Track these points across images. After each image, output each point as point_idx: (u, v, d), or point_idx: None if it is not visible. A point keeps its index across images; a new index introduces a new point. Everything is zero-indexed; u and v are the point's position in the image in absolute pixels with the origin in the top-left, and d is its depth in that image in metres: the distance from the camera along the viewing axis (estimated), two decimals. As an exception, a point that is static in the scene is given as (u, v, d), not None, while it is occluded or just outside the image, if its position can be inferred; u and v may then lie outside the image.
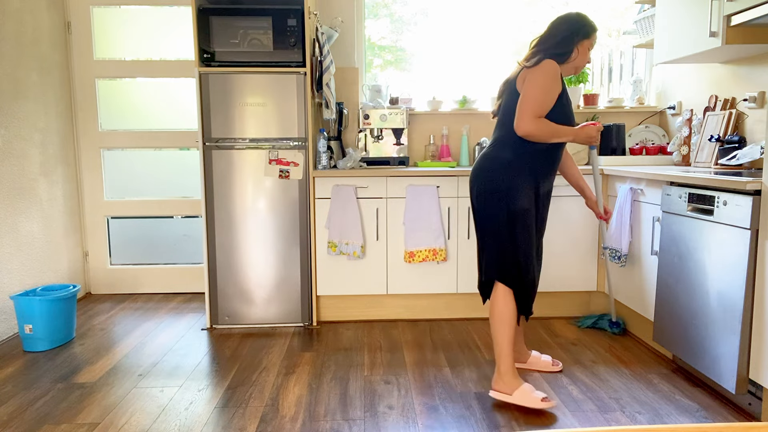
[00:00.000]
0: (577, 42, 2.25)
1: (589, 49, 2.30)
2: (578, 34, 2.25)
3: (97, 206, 3.92)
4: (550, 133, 2.17)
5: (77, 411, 2.23)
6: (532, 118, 2.14)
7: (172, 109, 3.91)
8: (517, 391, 2.21)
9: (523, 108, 2.15)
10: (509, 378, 2.23)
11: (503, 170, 2.22)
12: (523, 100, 2.17)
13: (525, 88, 2.18)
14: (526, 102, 2.16)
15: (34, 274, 3.34)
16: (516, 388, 2.21)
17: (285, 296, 3.24)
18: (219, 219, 3.17)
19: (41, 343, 2.89)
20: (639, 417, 2.17)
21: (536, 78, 2.16)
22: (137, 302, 3.77)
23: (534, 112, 2.14)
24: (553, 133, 2.18)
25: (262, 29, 3.07)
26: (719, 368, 2.20)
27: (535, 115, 2.14)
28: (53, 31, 3.60)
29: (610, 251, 3.02)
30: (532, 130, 2.14)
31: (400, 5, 4.00)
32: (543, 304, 3.39)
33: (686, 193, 2.38)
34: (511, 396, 2.21)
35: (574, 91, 3.69)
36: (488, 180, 2.24)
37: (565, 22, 2.27)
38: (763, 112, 2.73)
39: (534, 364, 2.61)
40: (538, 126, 2.14)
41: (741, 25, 2.44)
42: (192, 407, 2.28)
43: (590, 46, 2.30)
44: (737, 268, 2.09)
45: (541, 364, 2.61)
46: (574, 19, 2.26)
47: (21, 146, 3.24)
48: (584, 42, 2.26)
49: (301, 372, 2.62)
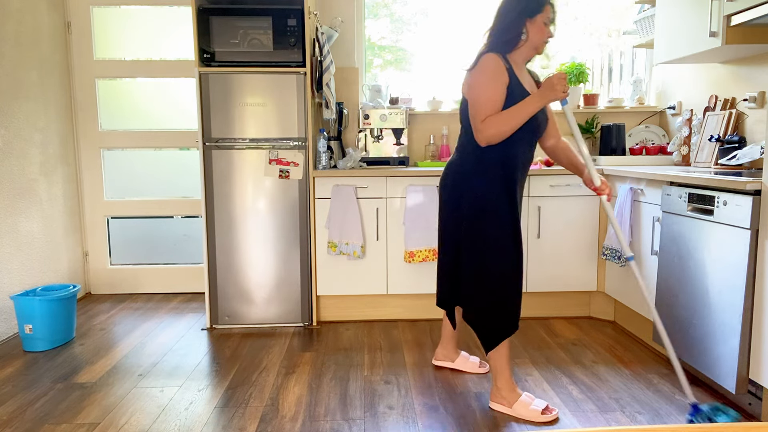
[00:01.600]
0: (525, 21, 2.06)
1: (545, 24, 2.08)
2: (524, 12, 2.06)
3: (97, 206, 3.92)
4: (507, 121, 2.00)
5: (77, 411, 2.23)
6: (484, 123, 2.02)
7: (172, 109, 3.91)
8: (516, 403, 2.18)
9: (474, 119, 2.06)
10: (507, 392, 2.20)
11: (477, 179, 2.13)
12: (470, 109, 2.08)
13: (469, 95, 2.09)
14: (473, 110, 2.06)
15: (34, 274, 3.34)
16: (515, 401, 2.19)
17: (285, 296, 3.24)
18: (219, 219, 3.17)
19: (41, 343, 2.89)
20: (639, 417, 2.17)
21: (475, 80, 2.07)
22: (137, 302, 3.77)
23: (483, 117, 2.03)
24: (512, 116, 2.00)
25: (262, 29, 3.07)
26: (719, 368, 2.20)
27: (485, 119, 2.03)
28: (53, 31, 3.60)
29: (609, 250, 3.02)
30: (488, 135, 2.02)
31: (400, 5, 4.00)
32: (543, 304, 3.39)
33: (686, 193, 2.38)
34: (511, 409, 2.19)
35: (574, 91, 3.69)
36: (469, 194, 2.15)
37: (507, 3, 2.09)
38: (763, 112, 2.73)
39: (461, 365, 2.60)
40: (492, 125, 2.01)
41: (741, 25, 2.44)
42: (192, 407, 2.28)
43: (545, 21, 2.08)
44: (737, 268, 2.09)
45: (468, 365, 2.59)
46: None
47: (21, 146, 3.24)
48: (535, 18, 2.06)
49: (301, 372, 2.62)
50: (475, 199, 2.13)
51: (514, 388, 2.22)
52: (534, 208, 3.23)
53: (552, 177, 3.21)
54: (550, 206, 3.23)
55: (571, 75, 3.65)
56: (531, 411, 2.15)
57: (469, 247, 2.16)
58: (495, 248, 2.12)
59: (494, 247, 2.12)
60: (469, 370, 2.59)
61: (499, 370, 2.21)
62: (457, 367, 2.61)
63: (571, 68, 3.64)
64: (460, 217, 2.19)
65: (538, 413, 2.14)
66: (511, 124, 2.00)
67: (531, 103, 2.01)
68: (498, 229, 2.11)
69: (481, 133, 2.03)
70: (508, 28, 2.08)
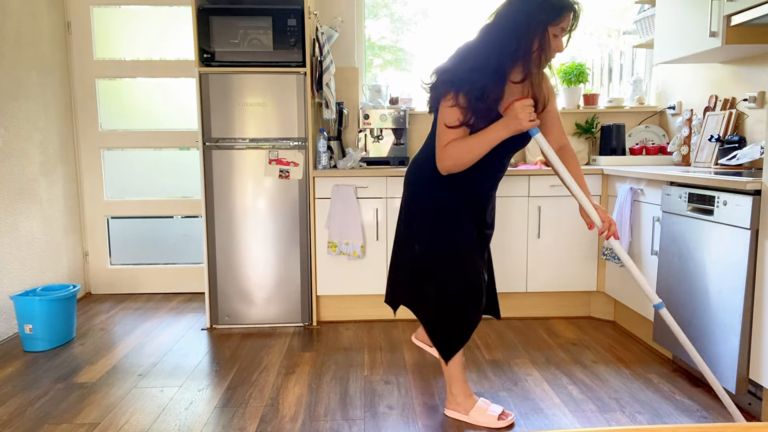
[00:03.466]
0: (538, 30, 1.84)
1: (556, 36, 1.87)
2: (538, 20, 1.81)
3: (97, 206, 3.92)
4: (467, 152, 1.85)
5: (77, 411, 2.23)
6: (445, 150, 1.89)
7: (172, 109, 3.91)
8: (472, 411, 2.14)
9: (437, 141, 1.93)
10: (462, 399, 2.16)
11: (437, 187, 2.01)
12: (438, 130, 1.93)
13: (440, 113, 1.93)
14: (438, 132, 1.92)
15: (34, 274, 3.34)
16: (471, 408, 2.14)
17: (285, 296, 3.24)
18: (219, 219, 3.17)
19: (41, 343, 2.89)
20: (639, 417, 2.17)
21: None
22: (137, 302, 3.77)
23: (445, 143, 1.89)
24: (472, 147, 1.85)
25: (262, 29, 3.07)
26: (719, 368, 2.20)
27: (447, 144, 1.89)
28: (53, 31, 3.60)
29: (609, 251, 3.02)
30: (447, 166, 1.90)
31: (400, 5, 4.00)
32: (543, 304, 3.39)
33: (686, 193, 2.38)
34: (467, 416, 2.14)
35: (574, 91, 3.69)
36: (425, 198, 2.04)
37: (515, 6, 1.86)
38: (763, 112, 2.73)
39: (423, 338, 2.55)
40: (450, 155, 1.87)
41: (741, 25, 2.44)
42: (192, 407, 2.28)
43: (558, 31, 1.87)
44: (737, 268, 2.09)
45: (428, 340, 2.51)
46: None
47: (21, 146, 3.24)
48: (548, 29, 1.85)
49: (301, 372, 2.62)
50: (432, 207, 2.04)
51: (469, 394, 2.17)
52: (534, 208, 3.23)
53: (552, 177, 3.21)
54: (550, 206, 3.23)
55: (571, 75, 3.65)
56: (487, 417, 2.10)
57: (419, 251, 2.08)
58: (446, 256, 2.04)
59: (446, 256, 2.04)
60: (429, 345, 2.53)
61: (454, 377, 2.15)
62: (418, 340, 2.57)
63: (571, 68, 3.64)
64: (413, 221, 2.11)
65: (495, 419, 2.09)
66: (473, 155, 1.87)
67: (494, 132, 1.84)
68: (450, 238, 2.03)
69: (441, 162, 1.91)
70: (509, 39, 1.81)
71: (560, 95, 3.74)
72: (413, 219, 2.11)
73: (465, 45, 1.94)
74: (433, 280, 2.08)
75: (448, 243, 2.04)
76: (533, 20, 1.78)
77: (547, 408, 2.24)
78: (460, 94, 1.84)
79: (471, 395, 2.17)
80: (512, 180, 3.20)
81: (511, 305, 3.38)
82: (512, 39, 1.80)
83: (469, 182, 2.01)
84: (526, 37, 1.80)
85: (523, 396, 2.35)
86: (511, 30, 1.80)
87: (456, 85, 1.86)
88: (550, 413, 2.20)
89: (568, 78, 3.66)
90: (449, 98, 1.87)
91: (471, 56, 1.88)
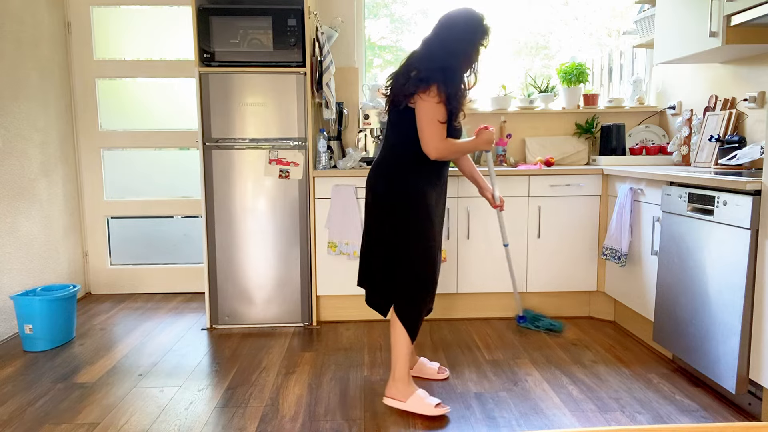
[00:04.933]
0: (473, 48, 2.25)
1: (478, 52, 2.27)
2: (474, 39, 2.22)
3: (97, 206, 3.92)
4: (456, 151, 2.22)
5: (77, 411, 2.23)
6: (444, 143, 2.16)
7: (172, 109, 3.91)
8: (410, 397, 2.19)
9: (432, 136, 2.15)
10: (403, 385, 2.20)
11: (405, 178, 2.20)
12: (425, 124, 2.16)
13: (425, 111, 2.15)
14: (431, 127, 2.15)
15: (34, 274, 3.34)
16: (410, 395, 2.19)
17: (285, 296, 3.24)
18: (219, 219, 3.17)
19: (41, 343, 2.89)
20: (639, 417, 2.17)
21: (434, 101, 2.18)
22: (137, 302, 3.77)
23: (444, 137, 2.16)
24: (459, 149, 2.25)
25: (262, 29, 3.07)
26: (719, 368, 2.20)
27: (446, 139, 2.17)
28: (53, 31, 3.60)
29: (609, 250, 3.02)
30: (442, 155, 2.17)
31: (400, 5, 4.00)
32: (543, 304, 3.39)
33: (686, 193, 2.38)
34: (405, 403, 2.19)
35: (574, 91, 3.68)
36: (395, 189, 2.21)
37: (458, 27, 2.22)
38: (763, 112, 2.73)
39: (419, 371, 2.54)
40: (448, 149, 2.17)
41: (741, 25, 2.44)
42: (192, 407, 2.28)
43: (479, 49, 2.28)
44: (737, 268, 2.09)
45: (426, 371, 2.53)
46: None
47: (21, 146, 3.24)
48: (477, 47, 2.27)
49: (301, 372, 2.62)
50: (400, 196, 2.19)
51: (410, 382, 2.23)
52: (534, 208, 3.23)
53: (552, 177, 3.21)
54: (550, 206, 3.23)
55: (571, 75, 3.65)
56: (425, 405, 2.17)
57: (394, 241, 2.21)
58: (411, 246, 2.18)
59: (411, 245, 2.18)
60: (427, 375, 2.52)
61: (398, 361, 2.22)
62: (415, 373, 2.53)
63: (571, 68, 3.64)
64: (383, 214, 2.23)
65: (432, 407, 2.15)
66: (455, 155, 2.24)
67: (470, 147, 2.31)
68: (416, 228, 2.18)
69: (439, 151, 2.15)
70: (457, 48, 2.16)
71: (560, 95, 3.74)
72: (390, 211, 2.22)
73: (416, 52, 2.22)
74: (408, 263, 2.20)
75: (421, 227, 2.19)
76: (473, 36, 2.17)
77: (547, 408, 2.24)
78: (441, 91, 2.09)
79: (412, 384, 2.24)
80: (512, 180, 3.20)
81: (512, 305, 3.38)
82: (460, 49, 2.16)
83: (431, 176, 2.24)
84: (469, 49, 2.18)
85: (523, 396, 2.35)
86: (458, 42, 2.15)
87: (434, 82, 2.08)
88: (550, 413, 2.20)
89: (568, 78, 3.66)
90: (434, 95, 2.09)
91: (437, 60, 2.13)
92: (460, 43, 2.16)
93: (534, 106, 3.70)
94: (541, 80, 3.78)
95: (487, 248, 3.25)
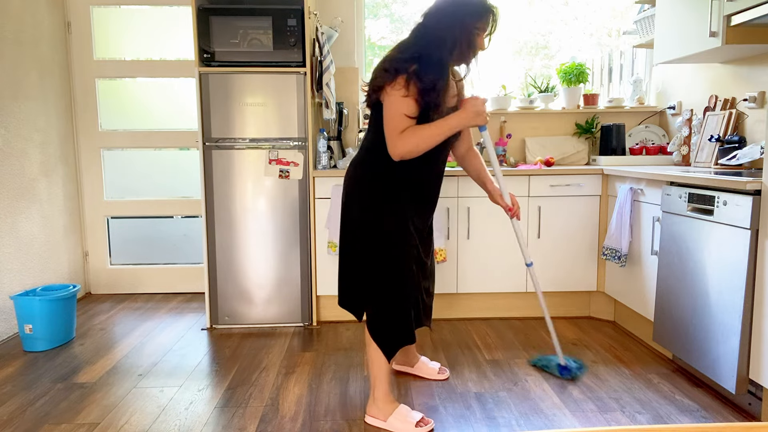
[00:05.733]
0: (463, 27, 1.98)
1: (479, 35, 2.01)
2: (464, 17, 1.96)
3: (97, 206, 3.92)
4: (424, 140, 1.90)
5: (77, 411, 2.23)
6: (401, 137, 1.91)
7: (172, 109, 3.91)
8: (391, 416, 2.09)
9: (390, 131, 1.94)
10: (383, 404, 2.12)
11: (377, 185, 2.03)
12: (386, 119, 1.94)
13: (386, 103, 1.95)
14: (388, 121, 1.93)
15: (34, 274, 3.34)
16: (390, 414, 2.10)
17: (285, 296, 3.24)
18: (219, 219, 3.17)
19: (41, 343, 2.89)
20: (639, 417, 2.17)
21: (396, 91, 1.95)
22: (137, 302, 3.77)
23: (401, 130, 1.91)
24: (429, 136, 1.91)
25: (262, 29, 3.07)
26: (719, 368, 2.20)
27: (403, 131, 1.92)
28: (53, 31, 3.60)
29: (609, 250, 3.02)
30: (403, 151, 1.92)
31: (400, 5, 4.00)
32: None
33: (686, 193, 2.38)
34: (385, 422, 2.10)
35: (574, 91, 3.68)
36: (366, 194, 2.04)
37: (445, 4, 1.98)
38: (763, 112, 2.73)
39: (420, 370, 2.52)
40: (408, 141, 1.90)
41: (741, 25, 2.44)
42: (192, 407, 2.28)
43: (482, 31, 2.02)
44: (737, 268, 2.09)
45: (427, 371, 2.51)
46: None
47: (21, 146, 3.24)
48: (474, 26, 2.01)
49: (301, 372, 2.62)
50: (370, 208, 2.04)
51: (391, 400, 2.14)
52: (534, 208, 3.23)
53: (552, 177, 3.21)
54: (550, 206, 3.23)
55: (571, 75, 3.65)
56: (406, 424, 2.07)
57: (360, 251, 2.09)
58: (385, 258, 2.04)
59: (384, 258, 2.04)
60: (427, 375, 2.51)
61: (377, 379, 2.13)
62: (416, 373, 2.52)
63: (571, 68, 3.64)
64: (354, 221, 2.10)
65: (413, 425, 2.06)
66: (427, 144, 1.92)
67: (450, 126, 1.93)
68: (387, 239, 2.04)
69: (399, 148, 1.92)
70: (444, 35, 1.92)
71: (560, 95, 3.74)
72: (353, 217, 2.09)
73: (400, 42, 2.02)
74: (380, 274, 2.06)
75: (395, 236, 2.03)
76: (463, 20, 1.93)
77: (547, 408, 2.24)
78: (411, 82, 1.88)
79: (393, 401, 2.14)
80: (512, 180, 3.20)
81: (512, 305, 3.38)
82: (447, 36, 1.93)
83: (412, 186, 2.05)
84: (459, 35, 1.93)
85: (523, 396, 2.35)
86: (446, 28, 1.93)
87: (402, 73, 1.89)
88: (550, 413, 2.20)
89: (568, 78, 3.66)
90: (399, 87, 1.89)
91: (411, 49, 1.95)
92: (448, 30, 1.92)
93: (534, 106, 3.70)
94: (541, 80, 3.78)
95: (487, 248, 3.25)
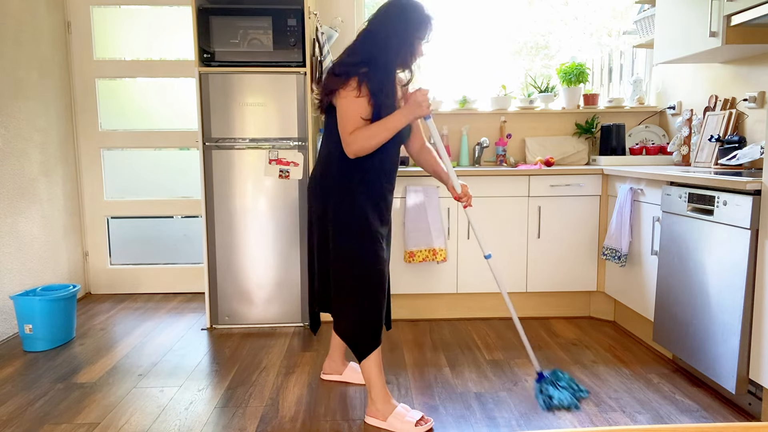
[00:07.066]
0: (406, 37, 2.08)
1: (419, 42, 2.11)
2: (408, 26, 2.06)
3: (97, 206, 3.92)
4: (374, 136, 1.98)
5: (77, 411, 2.23)
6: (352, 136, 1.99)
7: (172, 109, 3.91)
8: (390, 416, 2.11)
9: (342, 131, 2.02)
10: (381, 404, 2.13)
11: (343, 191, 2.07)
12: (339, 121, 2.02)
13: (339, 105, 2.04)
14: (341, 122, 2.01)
15: (34, 274, 3.34)
16: (389, 414, 2.11)
17: (285, 296, 3.24)
18: (219, 219, 3.17)
19: (41, 343, 2.89)
20: (639, 417, 2.17)
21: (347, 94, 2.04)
22: (137, 302, 3.77)
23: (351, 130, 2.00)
24: (378, 131, 1.98)
25: (262, 29, 3.07)
26: (719, 368, 2.20)
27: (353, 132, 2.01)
28: (53, 31, 3.60)
29: (609, 250, 3.02)
30: (355, 149, 1.99)
31: (400, 5, 3.99)
32: (543, 304, 3.39)
33: (686, 193, 2.38)
34: (385, 422, 2.11)
35: (574, 91, 3.68)
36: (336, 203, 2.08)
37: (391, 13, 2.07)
38: (763, 112, 2.73)
39: (349, 377, 2.51)
40: (358, 139, 1.98)
41: (741, 25, 2.44)
42: (192, 407, 2.28)
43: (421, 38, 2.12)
44: (737, 268, 2.09)
45: (356, 377, 2.51)
46: None
47: (21, 146, 3.24)
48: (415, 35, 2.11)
49: (301, 372, 2.62)
50: (340, 213, 2.08)
51: (388, 400, 2.14)
52: (534, 208, 3.23)
53: (552, 177, 3.21)
54: (550, 206, 3.23)
55: (571, 75, 3.65)
56: (405, 423, 2.08)
57: (334, 259, 2.10)
58: (359, 262, 2.07)
59: (358, 261, 2.07)
60: (357, 381, 2.49)
61: (372, 382, 2.14)
62: (345, 380, 2.51)
63: (571, 68, 3.64)
64: (326, 227, 2.13)
65: (412, 425, 2.07)
66: (378, 139, 1.99)
67: (397, 120, 2.01)
68: (361, 242, 2.07)
69: (351, 145, 1.99)
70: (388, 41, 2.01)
71: (560, 95, 3.74)
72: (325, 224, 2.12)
73: (348, 47, 2.11)
74: (354, 277, 2.09)
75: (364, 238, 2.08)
76: (405, 28, 2.03)
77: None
78: (363, 84, 1.98)
79: (390, 400, 2.15)
80: (512, 180, 3.20)
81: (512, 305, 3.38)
82: (391, 42, 2.02)
83: (373, 184, 2.11)
84: (402, 42, 2.03)
85: (523, 396, 2.35)
86: (390, 35, 2.02)
87: (354, 75, 1.99)
88: (550, 413, 2.20)
89: (568, 78, 3.66)
90: (352, 89, 1.98)
91: (359, 53, 2.04)
92: (393, 37, 2.01)
93: (534, 106, 3.70)
94: (541, 80, 3.78)
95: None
